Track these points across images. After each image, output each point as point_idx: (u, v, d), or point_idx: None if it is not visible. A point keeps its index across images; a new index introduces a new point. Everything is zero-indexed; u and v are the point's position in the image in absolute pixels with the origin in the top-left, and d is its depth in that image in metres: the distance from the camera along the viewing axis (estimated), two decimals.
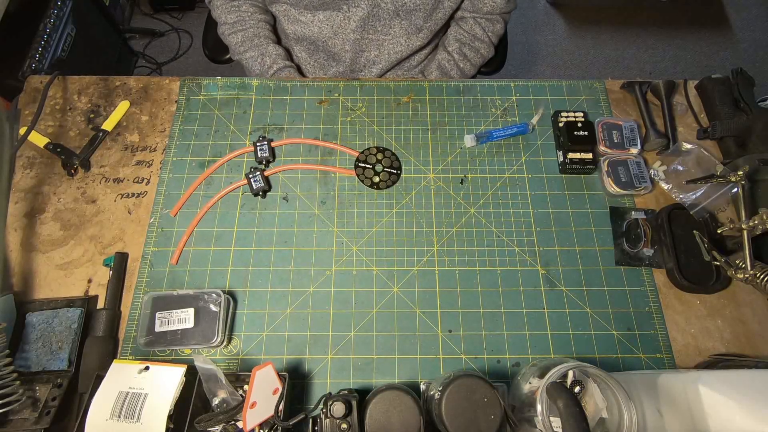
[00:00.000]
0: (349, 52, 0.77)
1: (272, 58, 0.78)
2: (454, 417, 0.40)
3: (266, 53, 0.78)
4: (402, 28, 0.74)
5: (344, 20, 0.73)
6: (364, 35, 0.75)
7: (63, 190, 0.62)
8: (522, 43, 1.88)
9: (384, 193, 0.63)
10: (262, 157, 0.63)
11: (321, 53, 0.80)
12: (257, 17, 0.79)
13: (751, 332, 0.55)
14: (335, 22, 0.74)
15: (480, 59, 0.83)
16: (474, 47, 0.81)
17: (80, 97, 0.69)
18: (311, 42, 0.78)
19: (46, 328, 0.52)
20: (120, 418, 0.44)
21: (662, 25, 1.93)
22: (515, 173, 0.64)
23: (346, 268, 0.58)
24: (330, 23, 0.74)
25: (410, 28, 0.74)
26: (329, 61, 0.81)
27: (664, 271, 0.58)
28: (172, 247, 0.59)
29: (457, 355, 0.54)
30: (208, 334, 0.51)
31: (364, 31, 0.74)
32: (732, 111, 0.64)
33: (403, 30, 0.74)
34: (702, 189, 0.60)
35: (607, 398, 0.41)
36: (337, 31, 0.75)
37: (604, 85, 0.70)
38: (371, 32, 0.74)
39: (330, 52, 0.79)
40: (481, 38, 0.81)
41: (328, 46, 0.77)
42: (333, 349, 0.54)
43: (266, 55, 0.78)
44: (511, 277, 0.58)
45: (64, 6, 1.15)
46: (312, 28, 0.76)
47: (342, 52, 0.77)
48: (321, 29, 0.75)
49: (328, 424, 0.42)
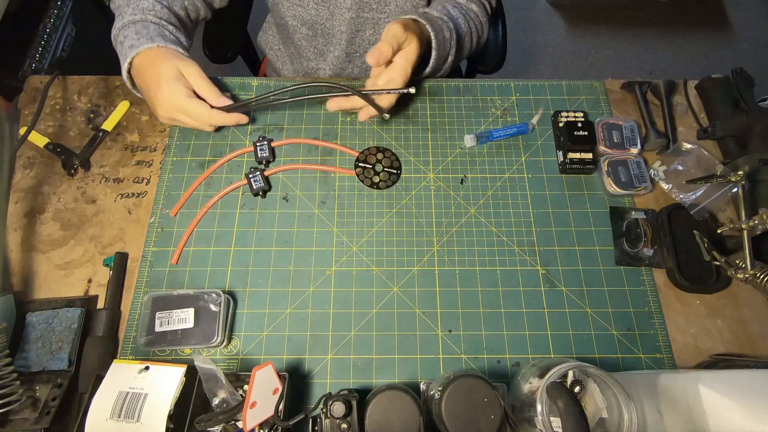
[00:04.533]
0: (345, 33, 0.77)
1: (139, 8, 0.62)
2: (454, 417, 0.40)
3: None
4: (397, 5, 0.74)
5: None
6: (359, 14, 0.75)
7: (63, 190, 0.62)
8: (522, 43, 1.88)
9: (384, 193, 0.63)
10: (262, 157, 0.63)
11: (320, 38, 0.80)
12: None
13: (751, 332, 0.55)
14: (331, 1, 0.74)
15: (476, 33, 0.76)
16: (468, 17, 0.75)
17: (80, 97, 0.69)
18: (310, 26, 0.79)
19: (46, 328, 0.52)
20: (120, 418, 0.44)
21: (662, 25, 1.93)
22: (515, 173, 0.64)
23: (346, 268, 0.58)
24: (326, 4, 0.74)
25: (405, 5, 0.74)
26: (327, 46, 0.81)
27: (664, 271, 0.58)
28: (172, 247, 0.59)
29: (457, 355, 0.54)
30: (208, 334, 0.51)
31: (360, 9, 0.74)
32: (732, 111, 0.64)
33: (398, 8, 0.74)
34: (702, 189, 0.60)
35: (607, 398, 0.41)
36: (334, 11, 0.75)
37: (604, 85, 0.70)
38: (366, 10, 0.74)
39: (328, 35, 0.79)
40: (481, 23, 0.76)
41: (326, 28, 0.77)
42: (333, 349, 0.54)
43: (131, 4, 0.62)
44: (511, 277, 0.58)
45: (64, 6, 1.14)
46: (309, 10, 0.76)
47: (338, 34, 0.78)
48: (318, 11, 0.75)
49: (328, 424, 0.42)
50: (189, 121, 0.61)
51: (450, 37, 0.68)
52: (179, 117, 0.60)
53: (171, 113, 0.60)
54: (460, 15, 0.71)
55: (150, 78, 0.59)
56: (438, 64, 0.68)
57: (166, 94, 0.58)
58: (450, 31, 0.68)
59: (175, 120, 0.61)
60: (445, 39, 0.67)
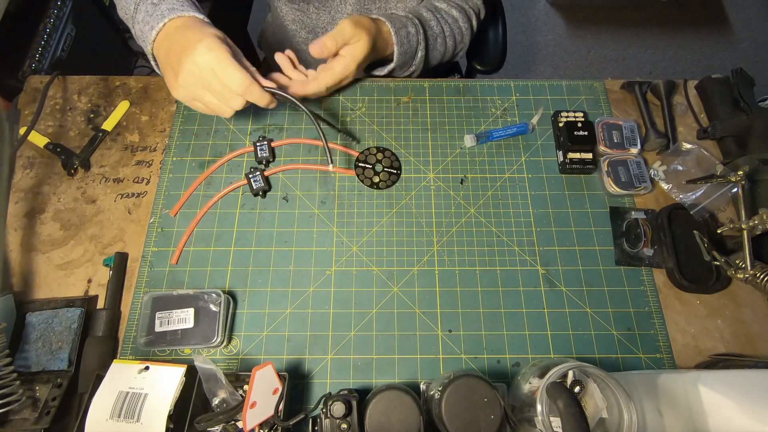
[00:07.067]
0: None
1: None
2: (454, 417, 0.40)
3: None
4: (398, 9, 0.74)
5: (340, 3, 0.73)
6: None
7: (63, 190, 0.62)
8: (522, 43, 1.88)
9: (384, 193, 0.63)
10: (262, 157, 0.63)
11: None
12: None
13: (751, 332, 0.55)
14: (332, 6, 0.74)
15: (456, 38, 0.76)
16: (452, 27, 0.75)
17: (80, 97, 0.69)
18: (310, 30, 0.79)
19: (46, 328, 0.52)
20: (120, 418, 0.44)
21: (662, 25, 1.93)
22: (515, 173, 0.64)
23: (346, 268, 0.58)
24: (327, 8, 0.74)
25: (406, 8, 0.74)
26: None
27: (664, 271, 0.58)
28: (172, 247, 0.59)
29: (457, 355, 0.54)
30: (208, 334, 0.51)
31: (361, 13, 0.74)
32: (732, 111, 0.64)
33: (399, 11, 0.74)
34: (702, 189, 0.60)
35: (607, 398, 0.41)
36: (335, 15, 0.75)
37: (604, 85, 0.70)
38: (367, 14, 0.74)
39: None
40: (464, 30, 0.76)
41: (326, 32, 0.77)
42: (333, 349, 0.54)
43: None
44: (511, 277, 0.58)
45: (64, 6, 1.14)
46: (310, 14, 0.76)
47: None
48: (319, 15, 0.75)
49: (328, 424, 0.42)
50: (210, 99, 0.51)
51: (416, 33, 0.68)
52: (210, 82, 0.50)
53: (203, 75, 0.49)
54: (432, 17, 0.71)
55: (189, 36, 0.50)
56: (404, 59, 0.68)
57: (203, 50, 0.48)
58: (416, 27, 0.67)
59: (195, 92, 0.51)
60: (410, 34, 0.67)
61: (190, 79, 0.50)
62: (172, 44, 0.51)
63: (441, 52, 0.75)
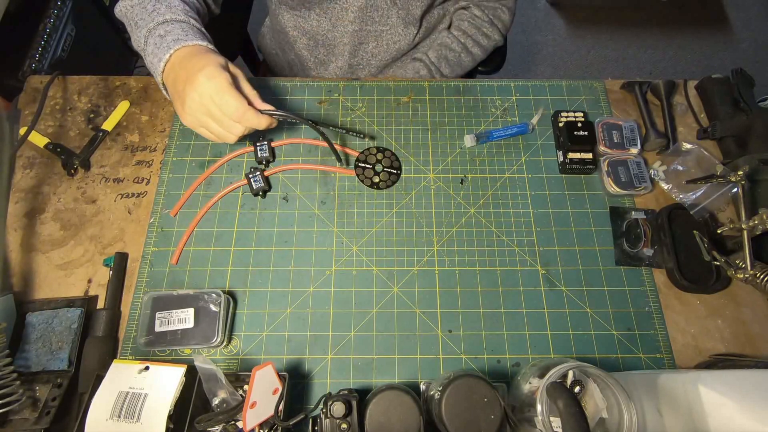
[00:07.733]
0: (348, 45, 0.77)
1: (171, 8, 0.58)
2: (454, 417, 0.40)
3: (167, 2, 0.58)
4: (399, 17, 0.74)
5: (342, 11, 0.73)
6: (362, 26, 0.75)
7: (63, 190, 0.62)
8: (522, 43, 1.88)
9: (384, 193, 0.63)
10: (262, 157, 0.63)
11: (321, 48, 0.80)
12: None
13: (751, 332, 0.55)
14: (333, 13, 0.74)
15: (473, 56, 0.83)
16: (476, 34, 0.81)
17: (80, 97, 0.69)
18: (311, 37, 0.79)
19: (46, 328, 0.52)
20: (120, 418, 0.44)
21: (662, 25, 1.93)
22: (515, 173, 0.64)
23: (346, 268, 0.58)
24: (328, 15, 0.74)
25: (407, 17, 0.74)
26: (329, 57, 0.81)
27: (664, 271, 0.58)
28: (172, 247, 0.59)
29: (457, 355, 0.54)
30: (208, 334, 0.51)
31: (363, 22, 0.74)
32: (732, 111, 0.64)
33: (400, 20, 0.75)
34: (702, 189, 0.60)
35: (607, 398, 0.41)
36: (336, 23, 0.75)
37: (604, 85, 0.70)
38: (369, 23, 0.75)
39: (329, 46, 0.79)
40: (483, 24, 0.80)
41: (327, 39, 0.77)
42: (333, 349, 0.54)
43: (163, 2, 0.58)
44: (511, 277, 0.58)
45: (64, 6, 1.14)
46: (310, 21, 0.76)
47: (341, 45, 0.78)
48: (320, 22, 0.75)
49: (328, 424, 0.42)
50: (214, 126, 0.53)
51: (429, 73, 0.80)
52: (211, 110, 0.52)
53: (204, 102, 0.51)
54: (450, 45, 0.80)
55: (193, 65, 0.52)
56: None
57: (203, 79, 0.50)
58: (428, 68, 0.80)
59: (200, 119, 0.53)
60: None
61: (194, 107, 0.52)
62: (178, 74, 0.54)
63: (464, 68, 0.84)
